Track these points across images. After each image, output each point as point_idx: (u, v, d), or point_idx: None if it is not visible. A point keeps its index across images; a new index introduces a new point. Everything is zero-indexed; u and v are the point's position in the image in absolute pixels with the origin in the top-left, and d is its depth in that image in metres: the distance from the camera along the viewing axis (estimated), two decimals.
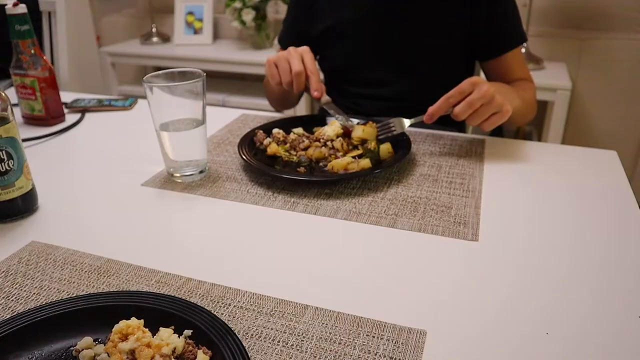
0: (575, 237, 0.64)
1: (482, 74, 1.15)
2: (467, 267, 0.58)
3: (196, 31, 2.48)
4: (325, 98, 0.91)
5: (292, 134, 0.88)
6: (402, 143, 0.84)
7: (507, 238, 0.63)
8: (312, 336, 0.48)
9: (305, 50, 0.90)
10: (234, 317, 0.51)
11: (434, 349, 0.47)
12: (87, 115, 1.10)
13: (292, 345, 0.47)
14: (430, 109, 0.81)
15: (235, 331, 0.47)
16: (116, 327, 0.45)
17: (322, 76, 1.24)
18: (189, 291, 0.54)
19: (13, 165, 0.66)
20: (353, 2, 1.06)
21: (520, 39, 1.04)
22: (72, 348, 0.46)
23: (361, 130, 0.84)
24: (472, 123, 0.80)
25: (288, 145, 0.86)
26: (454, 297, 0.53)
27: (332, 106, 0.91)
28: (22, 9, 0.94)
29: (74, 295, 0.54)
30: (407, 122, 0.85)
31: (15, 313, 0.51)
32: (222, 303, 0.53)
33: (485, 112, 0.79)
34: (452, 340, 0.48)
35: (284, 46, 1.18)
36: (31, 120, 1.04)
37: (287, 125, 0.93)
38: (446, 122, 1.13)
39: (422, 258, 0.60)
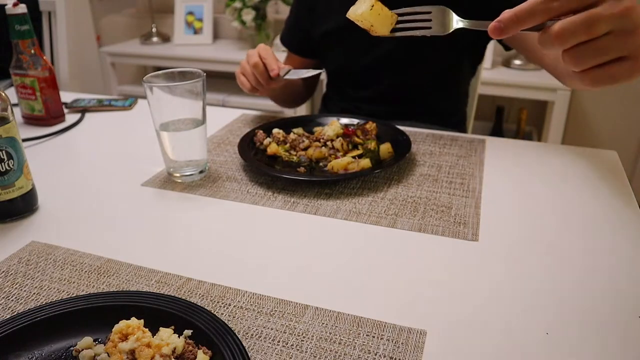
0: (575, 237, 0.63)
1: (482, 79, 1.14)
2: (467, 267, 0.58)
3: (196, 31, 2.49)
4: (284, 70, 0.92)
5: (292, 134, 0.88)
6: (402, 143, 0.84)
7: (507, 238, 0.63)
8: (312, 336, 0.48)
9: (261, 46, 0.94)
10: (234, 317, 0.51)
11: (434, 349, 0.47)
12: (87, 115, 1.10)
13: (292, 345, 0.47)
14: (511, 13, 0.44)
15: (235, 331, 0.47)
16: (116, 327, 0.45)
17: (324, 79, 1.24)
18: (189, 291, 0.54)
19: (13, 165, 0.66)
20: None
21: None
22: (72, 348, 0.46)
23: (369, 6, 0.53)
24: (575, 64, 0.44)
25: (288, 145, 0.86)
26: (454, 297, 0.53)
27: (293, 71, 0.93)
28: (22, 9, 0.94)
29: (74, 295, 0.54)
30: (455, 20, 0.52)
31: (15, 313, 0.51)
32: (222, 303, 0.53)
33: (610, 48, 0.43)
34: (452, 340, 0.48)
35: (286, 45, 1.19)
36: (31, 120, 1.04)
37: (287, 125, 0.93)
38: (446, 122, 1.13)
39: (422, 258, 0.60)
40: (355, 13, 0.53)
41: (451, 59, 1.06)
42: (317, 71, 0.94)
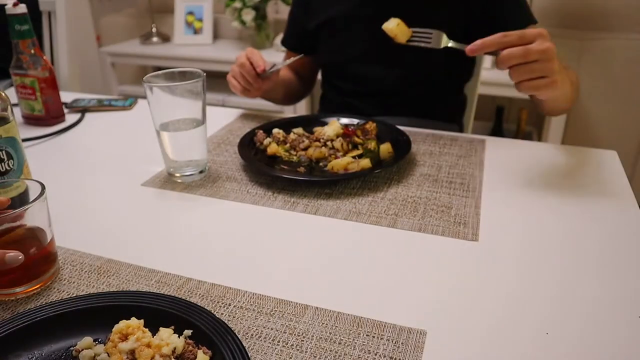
0: (575, 237, 0.63)
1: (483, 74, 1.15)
2: (467, 267, 0.58)
3: (196, 31, 2.48)
4: (269, 65, 0.96)
5: (292, 134, 0.88)
6: (402, 143, 0.84)
7: (507, 238, 0.63)
8: (312, 336, 0.48)
9: (248, 49, 0.97)
10: (234, 317, 0.51)
11: (434, 349, 0.47)
12: (87, 115, 1.10)
13: (292, 345, 0.47)
14: (480, 41, 0.69)
15: (235, 331, 0.47)
16: (116, 327, 0.45)
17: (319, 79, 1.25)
18: (189, 291, 0.54)
19: (13, 165, 0.66)
20: None
21: (526, 19, 0.98)
22: (72, 348, 0.46)
23: (396, 23, 0.80)
24: (515, 77, 0.69)
25: (288, 145, 0.86)
26: (454, 297, 0.53)
27: (278, 65, 0.97)
28: (22, 9, 0.94)
29: (74, 295, 0.54)
30: (445, 40, 0.77)
31: (15, 313, 0.51)
32: (222, 303, 0.53)
33: (536, 69, 0.67)
34: (452, 340, 0.48)
35: (284, 44, 1.21)
36: (31, 120, 1.04)
37: (287, 125, 0.93)
38: (445, 118, 1.14)
39: (422, 258, 0.60)
40: (387, 27, 0.81)
41: (444, 54, 1.06)
42: (299, 56, 1.01)
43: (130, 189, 0.77)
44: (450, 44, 0.77)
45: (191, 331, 0.46)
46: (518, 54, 0.67)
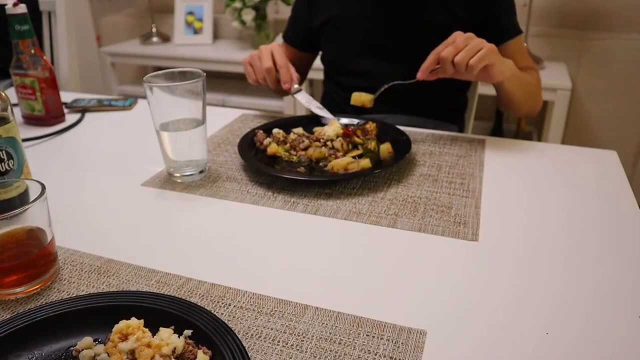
0: (575, 237, 0.64)
1: None
2: (467, 267, 0.58)
3: (196, 31, 2.48)
4: (295, 87, 0.95)
5: (292, 134, 0.88)
6: (402, 143, 0.84)
7: (507, 238, 0.63)
8: (312, 336, 0.48)
9: (274, 46, 0.96)
10: (234, 317, 0.51)
11: (434, 349, 0.47)
12: (87, 115, 1.10)
13: (292, 345, 0.47)
14: (421, 67, 0.86)
15: (235, 331, 0.47)
16: (116, 327, 0.45)
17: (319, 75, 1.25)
18: (189, 291, 0.54)
19: (13, 165, 0.66)
20: None
21: (514, 31, 1.04)
22: (72, 348, 0.46)
23: (359, 95, 0.94)
24: (461, 64, 0.81)
25: (288, 145, 0.86)
26: (454, 297, 0.53)
27: (303, 94, 0.96)
28: (22, 9, 0.94)
29: (74, 295, 0.54)
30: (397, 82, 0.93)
31: (15, 313, 0.51)
32: (222, 303, 0.53)
33: (471, 49, 0.81)
34: (452, 340, 0.48)
35: (288, 42, 1.22)
36: (31, 120, 1.04)
37: (287, 125, 0.93)
38: (446, 117, 1.14)
39: (422, 258, 0.60)
40: (355, 100, 0.95)
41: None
42: (329, 117, 0.94)
43: (130, 189, 0.77)
44: (403, 82, 0.93)
45: (191, 331, 0.46)
46: (451, 50, 0.82)
